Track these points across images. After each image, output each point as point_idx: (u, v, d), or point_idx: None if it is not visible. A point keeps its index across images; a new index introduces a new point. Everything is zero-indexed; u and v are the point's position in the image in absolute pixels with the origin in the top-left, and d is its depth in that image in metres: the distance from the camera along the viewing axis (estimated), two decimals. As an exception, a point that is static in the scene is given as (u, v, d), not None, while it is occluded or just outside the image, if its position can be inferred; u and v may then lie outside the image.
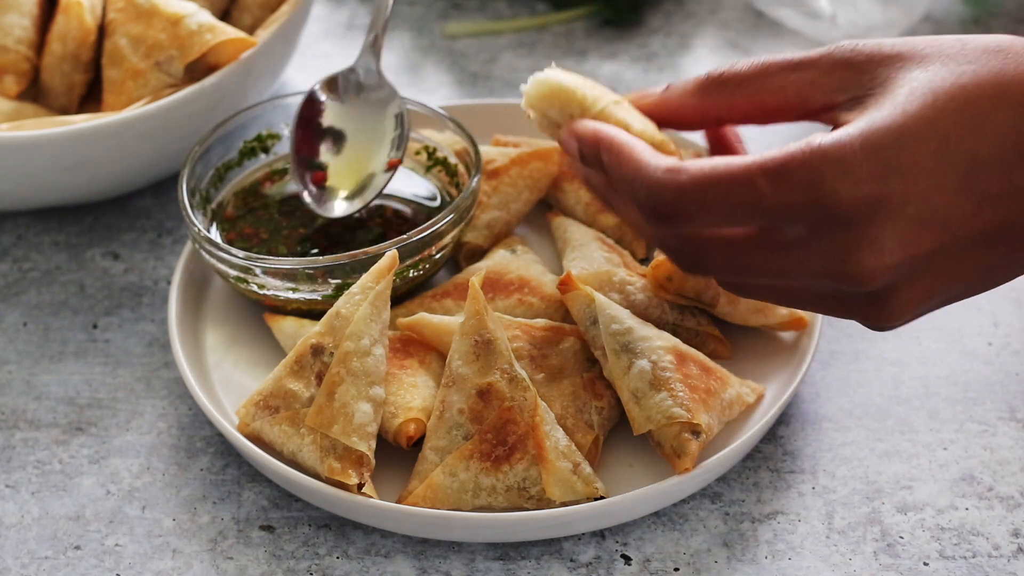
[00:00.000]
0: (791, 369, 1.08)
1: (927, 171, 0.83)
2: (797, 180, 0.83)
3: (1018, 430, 1.08)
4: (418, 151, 1.21)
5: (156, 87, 1.22)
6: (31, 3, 1.26)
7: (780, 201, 0.83)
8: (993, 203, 0.84)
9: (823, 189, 0.82)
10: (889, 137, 0.83)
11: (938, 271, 0.86)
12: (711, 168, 0.85)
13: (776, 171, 0.83)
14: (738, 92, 0.93)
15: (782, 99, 0.92)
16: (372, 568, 1.00)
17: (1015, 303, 1.17)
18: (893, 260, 0.83)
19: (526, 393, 1.00)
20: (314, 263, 1.08)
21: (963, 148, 0.83)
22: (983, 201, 0.84)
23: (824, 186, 0.82)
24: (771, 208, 0.84)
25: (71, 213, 1.28)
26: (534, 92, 0.98)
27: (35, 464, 1.08)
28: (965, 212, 0.84)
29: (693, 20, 1.49)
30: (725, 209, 0.85)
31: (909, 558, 1.00)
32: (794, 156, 0.83)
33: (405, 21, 1.50)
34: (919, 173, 0.83)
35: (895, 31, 1.41)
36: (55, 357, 1.16)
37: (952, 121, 0.83)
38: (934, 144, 0.83)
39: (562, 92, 0.98)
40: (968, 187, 0.83)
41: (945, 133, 0.83)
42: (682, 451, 0.99)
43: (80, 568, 1.01)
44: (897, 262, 0.83)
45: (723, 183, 0.84)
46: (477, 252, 1.18)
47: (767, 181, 0.83)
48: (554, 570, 1.00)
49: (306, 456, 1.00)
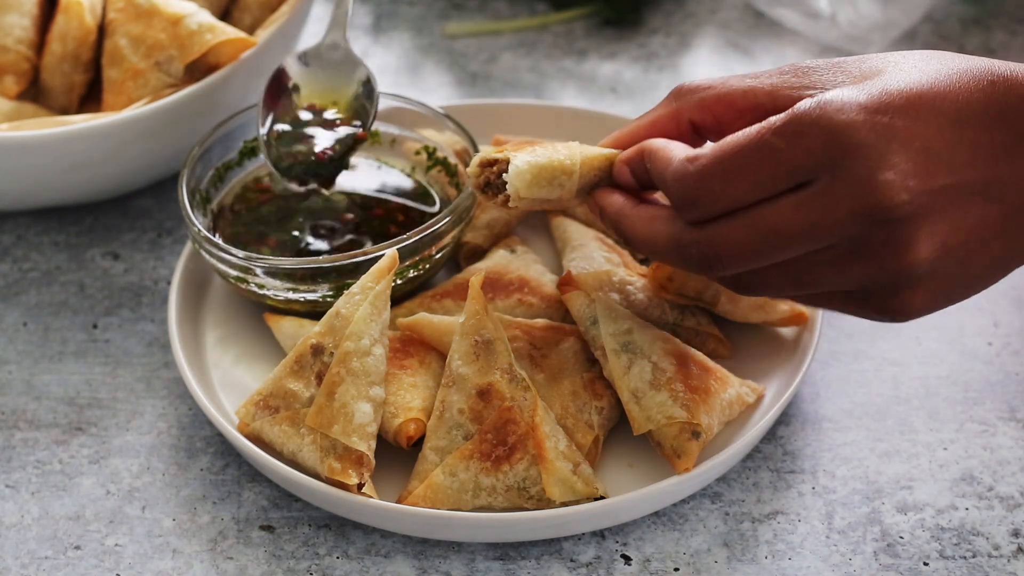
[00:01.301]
0: (791, 369, 1.08)
1: (924, 116, 0.86)
2: (807, 127, 0.86)
3: (1018, 430, 1.08)
4: (418, 151, 1.21)
5: (156, 87, 1.22)
6: (31, 3, 1.26)
7: (796, 150, 0.86)
8: (985, 156, 0.87)
9: (835, 125, 0.85)
10: (886, 88, 0.87)
11: (952, 214, 0.87)
12: (725, 144, 0.88)
13: (786, 126, 0.86)
14: (707, 95, 0.96)
15: (751, 99, 0.94)
16: (372, 568, 1.00)
17: (1015, 303, 1.17)
18: (913, 183, 0.85)
19: (526, 393, 1.00)
20: (314, 263, 1.08)
21: (948, 107, 0.87)
22: (976, 151, 0.87)
23: (835, 123, 0.85)
24: (789, 161, 0.86)
25: (71, 213, 1.28)
26: (520, 185, 0.96)
27: (35, 464, 1.08)
28: (965, 156, 0.87)
29: (693, 20, 1.49)
30: (748, 177, 0.87)
31: (909, 558, 1.00)
32: (799, 109, 0.86)
33: (405, 21, 1.50)
34: (918, 117, 0.86)
35: (895, 31, 1.41)
36: (55, 357, 1.16)
37: (935, 83, 0.88)
38: (926, 99, 0.87)
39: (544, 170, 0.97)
40: (960, 136, 0.87)
41: (931, 90, 0.87)
42: (682, 451, 1.00)
43: (80, 568, 1.01)
44: (917, 187, 0.85)
45: (740, 153, 0.87)
46: (477, 252, 1.18)
47: (779, 137, 0.86)
48: (554, 570, 1.00)
49: (306, 456, 1.00)
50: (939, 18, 1.47)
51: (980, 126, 0.87)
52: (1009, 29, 1.45)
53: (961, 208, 0.87)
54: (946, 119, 0.87)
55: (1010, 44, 1.43)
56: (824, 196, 0.86)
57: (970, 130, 0.87)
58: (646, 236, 0.94)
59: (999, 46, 1.43)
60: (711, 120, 0.96)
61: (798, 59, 1.43)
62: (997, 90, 0.88)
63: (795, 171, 0.86)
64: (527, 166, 0.96)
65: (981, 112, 0.87)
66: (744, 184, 0.87)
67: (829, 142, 0.85)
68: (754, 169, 0.87)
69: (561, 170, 0.97)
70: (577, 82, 1.42)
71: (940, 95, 0.87)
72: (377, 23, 1.49)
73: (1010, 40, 1.44)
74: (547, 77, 1.42)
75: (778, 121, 0.87)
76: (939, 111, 0.87)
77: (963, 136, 0.87)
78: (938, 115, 0.87)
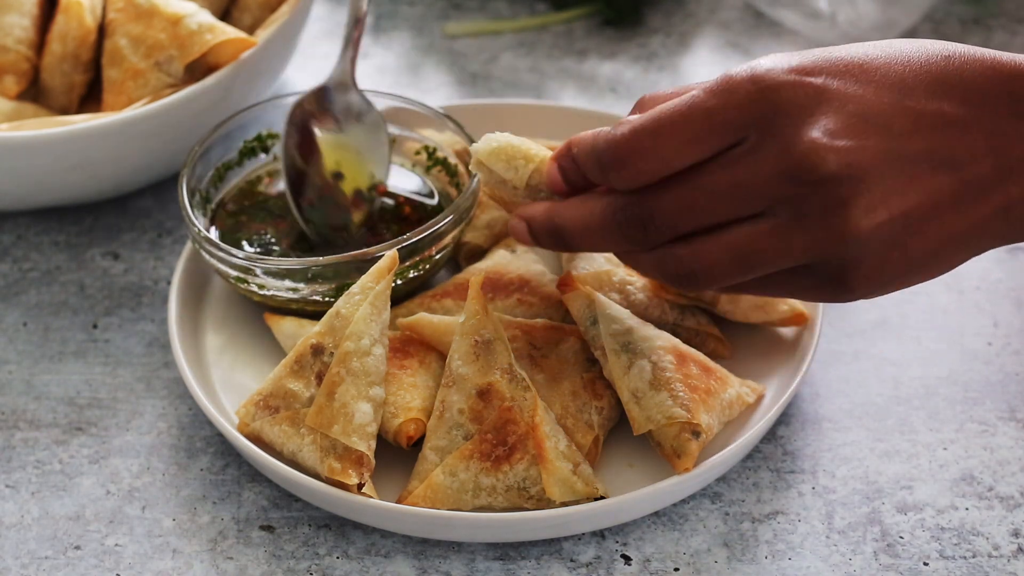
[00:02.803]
0: (791, 369, 1.08)
1: (861, 82, 0.86)
2: (737, 84, 0.86)
3: (1018, 430, 1.08)
4: (418, 151, 1.21)
5: (156, 87, 1.22)
6: (31, 3, 1.26)
7: (726, 107, 0.86)
8: (930, 124, 0.86)
9: (764, 83, 0.85)
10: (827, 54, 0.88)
11: (894, 180, 0.85)
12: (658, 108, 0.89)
13: (717, 84, 0.87)
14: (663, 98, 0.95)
15: None
16: (372, 568, 1.00)
17: (1015, 303, 1.17)
18: (842, 144, 0.84)
19: (526, 393, 1.00)
20: (314, 263, 1.08)
21: (892, 71, 0.87)
22: (921, 116, 0.86)
23: (765, 81, 0.86)
24: (719, 118, 0.86)
25: (71, 213, 1.28)
26: (483, 148, 0.99)
27: (35, 464, 1.08)
28: (905, 123, 0.86)
29: (693, 20, 1.49)
30: (677, 133, 0.87)
31: (909, 558, 1.00)
32: (731, 71, 0.87)
33: (405, 21, 1.50)
34: (855, 81, 0.86)
35: (895, 31, 1.41)
36: (55, 357, 1.16)
37: (879, 52, 0.88)
38: (868, 67, 0.87)
39: (508, 148, 0.99)
40: (903, 104, 0.86)
41: (873, 58, 0.88)
42: (682, 451, 1.00)
43: (80, 568, 1.01)
44: (846, 145, 0.84)
45: (669, 112, 0.87)
46: (477, 252, 1.17)
47: (710, 94, 0.87)
48: (554, 570, 1.00)
49: (306, 456, 1.00)
50: (939, 18, 1.47)
51: (927, 95, 0.86)
52: (1009, 29, 1.46)
53: (905, 175, 0.85)
54: (886, 87, 0.86)
55: (1010, 44, 1.43)
56: (752, 154, 0.86)
57: (913, 99, 0.86)
58: (581, 218, 0.93)
59: (999, 46, 1.43)
60: None
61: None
62: (951, 64, 0.87)
63: (725, 128, 0.86)
64: (496, 138, 0.99)
65: (930, 83, 0.87)
66: (674, 141, 0.87)
67: (758, 99, 0.85)
68: (683, 126, 0.87)
69: (522, 155, 0.98)
70: (577, 82, 1.42)
71: (885, 65, 0.87)
72: (377, 23, 1.49)
73: (1010, 40, 1.44)
74: (547, 77, 1.42)
75: (711, 81, 0.88)
76: (880, 79, 0.87)
77: (905, 104, 0.86)
78: (878, 82, 0.86)
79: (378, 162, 1.18)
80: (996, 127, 0.86)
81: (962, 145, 0.86)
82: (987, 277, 1.19)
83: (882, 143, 0.85)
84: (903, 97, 0.86)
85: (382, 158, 1.18)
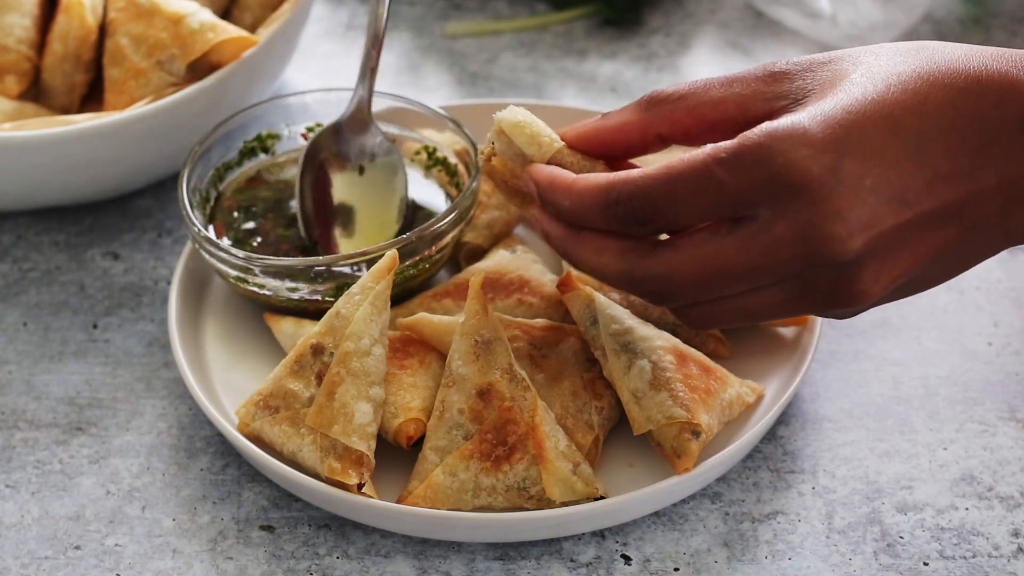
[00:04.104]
0: (791, 369, 1.08)
1: (878, 147, 0.85)
2: (752, 160, 0.85)
3: (1018, 430, 1.08)
4: (418, 151, 1.21)
5: (158, 86, 1.22)
6: (32, 3, 1.26)
7: (740, 185, 0.85)
8: (945, 181, 0.86)
9: (779, 163, 0.84)
10: (838, 116, 0.85)
11: (903, 248, 0.86)
12: (670, 166, 0.87)
13: (730, 157, 0.85)
14: (678, 107, 0.94)
15: (722, 111, 0.92)
16: (372, 568, 1.00)
17: (1015, 303, 1.17)
18: (859, 231, 0.84)
19: (526, 393, 1.00)
20: (314, 263, 1.08)
21: (908, 126, 0.85)
22: (935, 178, 0.86)
23: (779, 160, 0.84)
24: (731, 195, 0.85)
25: (71, 213, 1.28)
26: (509, 117, 0.99)
27: (35, 464, 1.08)
28: (919, 188, 0.85)
29: (693, 20, 1.49)
30: (692, 203, 0.86)
31: (909, 558, 1.00)
32: (747, 139, 0.85)
33: (405, 21, 1.50)
34: (871, 149, 0.85)
35: (895, 31, 1.41)
36: (55, 357, 1.16)
37: (895, 101, 0.86)
38: (882, 123, 0.85)
39: (534, 124, 0.99)
40: (919, 163, 0.85)
41: (890, 112, 0.86)
42: (682, 451, 1.00)
43: (80, 568, 1.01)
44: (863, 234, 0.84)
45: (684, 177, 0.86)
46: (477, 252, 1.18)
47: (723, 168, 0.85)
48: (554, 570, 1.00)
49: (306, 456, 1.00)
50: (939, 18, 1.47)
51: (944, 149, 0.86)
52: (1009, 29, 1.45)
53: (915, 240, 0.86)
54: (904, 149, 0.85)
55: (1010, 44, 1.43)
56: (766, 234, 0.85)
57: (930, 156, 0.86)
58: (596, 266, 0.93)
59: (999, 46, 1.43)
60: (680, 133, 0.95)
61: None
62: (968, 101, 0.86)
63: (737, 204, 0.86)
64: (521, 112, 0.99)
65: (947, 130, 0.86)
66: (688, 209, 0.87)
67: (774, 180, 0.84)
68: (698, 196, 0.86)
69: (546, 135, 0.98)
70: (577, 82, 1.42)
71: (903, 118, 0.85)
72: (377, 23, 1.49)
73: (1010, 40, 1.44)
74: (547, 77, 1.42)
75: (724, 151, 0.85)
76: (898, 140, 0.85)
77: (921, 163, 0.85)
78: (894, 142, 0.85)
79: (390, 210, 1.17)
80: (1005, 162, 0.87)
81: (973, 193, 0.87)
82: (987, 277, 1.19)
83: (897, 216, 0.85)
84: (920, 156, 0.85)
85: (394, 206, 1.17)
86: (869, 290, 0.87)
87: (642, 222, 0.89)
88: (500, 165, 1.00)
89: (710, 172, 0.86)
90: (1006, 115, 0.86)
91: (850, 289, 0.87)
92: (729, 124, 0.92)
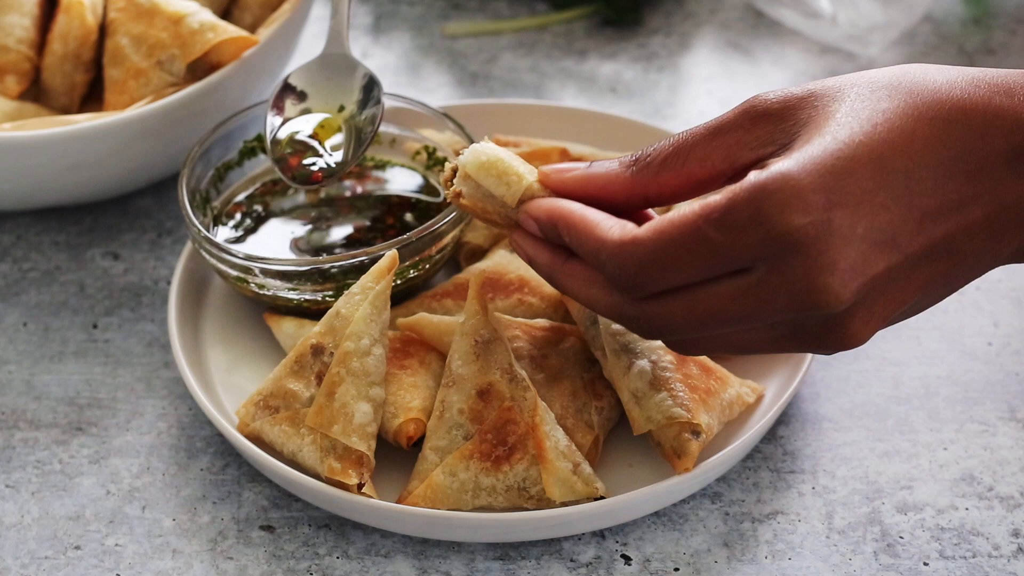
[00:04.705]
0: (791, 369, 1.08)
1: (868, 192, 0.84)
2: (744, 220, 0.83)
3: (1018, 430, 1.08)
4: (418, 151, 1.21)
5: (158, 86, 1.22)
6: (32, 3, 1.26)
7: (732, 245, 0.84)
8: (934, 218, 0.85)
9: (771, 222, 0.83)
10: (827, 163, 0.84)
11: (893, 290, 0.86)
12: (662, 231, 0.86)
13: (721, 217, 0.84)
14: (664, 171, 0.92)
15: (710, 167, 0.90)
16: (372, 568, 1.00)
17: (1015, 303, 1.17)
18: (853, 282, 0.84)
19: (526, 393, 1.00)
20: (314, 263, 1.08)
21: (897, 167, 0.84)
22: (924, 217, 0.85)
23: (771, 219, 0.83)
24: (726, 254, 0.84)
25: (71, 213, 1.28)
26: (472, 160, 0.96)
27: (35, 464, 1.08)
28: (910, 229, 0.85)
29: (693, 20, 1.49)
30: (685, 267, 0.85)
31: (909, 558, 1.00)
32: (736, 197, 0.83)
33: (405, 21, 1.50)
34: (861, 195, 0.84)
35: (895, 31, 1.41)
36: (55, 357, 1.16)
37: (882, 140, 0.85)
38: (871, 165, 0.84)
39: (499, 163, 0.96)
40: (909, 204, 0.85)
41: (879, 154, 0.84)
42: (682, 451, 1.00)
43: (80, 568, 1.01)
44: (857, 284, 0.84)
45: (675, 244, 0.85)
46: (477, 252, 1.17)
47: (715, 229, 0.84)
48: (554, 570, 1.00)
49: (306, 456, 1.00)
50: (939, 18, 1.47)
51: (933, 186, 0.85)
52: (1009, 29, 1.45)
53: (905, 279, 0.86)
54: (893, 190, 0.84)
55: (1010, 44, 1.43)
56: (761, 288, 0.85)
57: (919, 195, 0.85)
58: (584, 297, 0.92)
59: (999, 46, 1.43)
60: (668, 195, 0.93)
61: (798, 59, 1.43)
62: (952, 132, 0.86)
63: (732, 263, 0.85)
64: (484, 151, 0.96)
65: (936, 167, 0.85)
66: (681, 274, 0.86)
67: (767, 240, 0.83)
68: (691, 260, 0.85)
69: (514, 172, 0.95)
70: (577, 82, 1.42)
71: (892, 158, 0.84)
72: (377, 23, 1.49)
73: (1010, 40, 1.44)
74: (547, 77, 1.42)
75: (715, 211, 0.84)
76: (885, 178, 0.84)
77: (911, 204, 0.85)
78: (884, 185, 0.84)
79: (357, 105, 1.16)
80: (994, 194, 0.86)
81: (962, 227, 0.86)
82: (987, 277, 1.19)
83: (889, 260, 0.85)
84: (909, 196, 0.85)
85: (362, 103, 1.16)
86: (859, 333, 0.87)
87: (629, 290, 0.88)
88: (471, 203, 0.97)
89: (702, 233, 0.84)
90: (992, 146, 0.86)
91: (841, 335, 0.87)
92: (718, 179, 0.91)
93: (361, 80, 1.17)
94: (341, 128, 1.16)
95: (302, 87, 1.17)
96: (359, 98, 1.16)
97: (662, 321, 0.89)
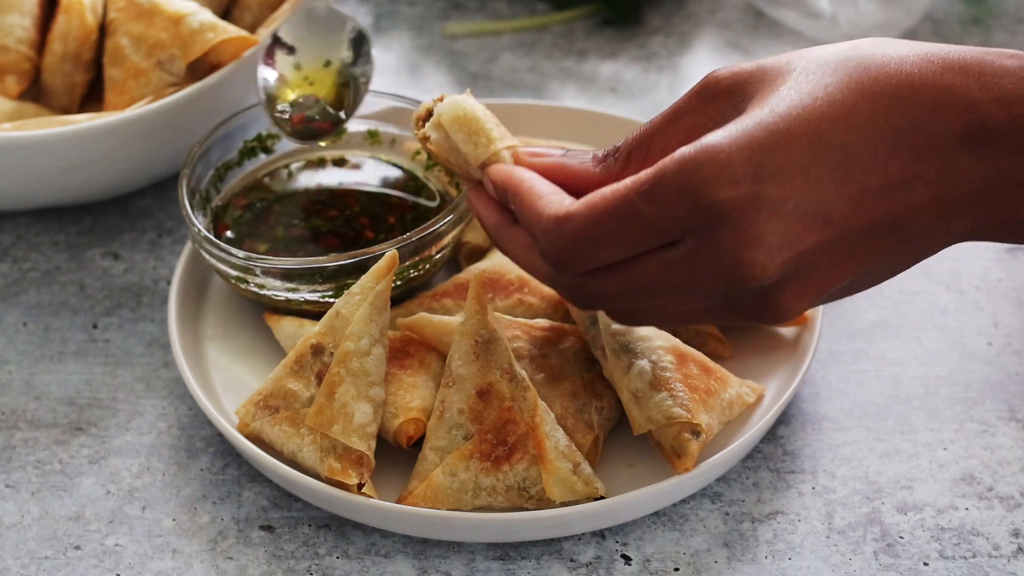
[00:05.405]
0: (791, 369, 1.08)
1: (801, 167, 0.83)
2: (672, 193, 0.83)
3: (1018, 430, 1.08)
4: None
5: (158, 86, 1.22)
6: (32, 3, 1.26)
7: (662, 217, 0.83)
8: (874, 195, 0.84)
9: (699, 195, 0.82)
10: (758, 136, 0.83)
11: (828, 265, 0.85)
12: (594, 207, 0.86)
13: (651, 189, 0.83)
14: (629, 164, 0.92)
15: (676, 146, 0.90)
16: (372, 568, 1.00)
17: (1015, 303, 1.17)
18: (780, 256, 0.83)
19: (526, 393, 1.00)
20: (314, 263, 1.08)
21: (835, 141, 0.83)
22: (863, 193, 0.84)
23: (698, 192, 0.82)
24: (655, 227, 0.84)
25: (71, 213, 1.28)
26: (448, 111, 0.97)
27: (35, 464, 1.08)
28: (846, 206, 0.84)
29: (693, 20, 1.49)
30: (616, 242, 0.85)
31: (909, 558, 1.00)
32: (665, 169, 0.83)
33: (405, 21, 1.50)
34: (794, 169, 0.83)
35: (895, 31, 1.41)
36: (55, 357, 1.16)
37: (821, 114, 0.83)
38: (806, 139, 0.83)
39: (474, 121, 0.97)
40: (845, 179, 0.83)
41: (816, 127, 0.83)
42: (682, 451, 1.00)
43: (80, 568, 1.01)
44: (784, 258, 0.83)
45: (606, 218, 0.85)
46: (477, 252, 1.18)
47: (645, 201, 0.84)
48: (554, 570, 1.00)
49: (306, 456, 1.00)
50: (939, 18, 1.47)
51: (872, 161, 0.84)
52: (1009, 29, 1.46)
53: (842, 255, 0.85)
54: (828, 164, 0.83)
55: (1010, 44, 1.43)
56: (690, 260, 0.84)
57: (857, 171, 0.83)
58: (524, 264, 0.93)
59: (998, 46, 1.43)
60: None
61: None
62: (897, 108, 0.84)
63: (662, 235, 0.84)
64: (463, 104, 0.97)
65: (877, 141, 0.83)
66: (611, 250, 0.86)
67: (696, 212, 0.82)
68: (622, 234, 0.85)
69: (485, 134, 0.97)
70: (577, 82, 1.42)
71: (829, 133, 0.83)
72: (377, 23, 1.49)
73: (1010, 40, 1.44)
74: (547, 77, 1.42)
75: (645, 184, 0.84)
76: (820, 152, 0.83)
77: (847, 179, 0.83)
78: (819, 160, 0.83)
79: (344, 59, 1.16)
80: (943, 172, 0.84)
81: (905, 206, 0.85)
82: (987, 277, 1.19)
83: (821, 236, 0.84)
84: (845, 171, 0.83)
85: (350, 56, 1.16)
86: (791, 308, 0.86)
87: (561, 266, 0.88)
88: (436, 150, 0.98)
89: (632, 206, 0.84)
90: (942, 123, 0.84)
91: (773, 307, 0.86)
92: None
93: (350, 34, 1.17)
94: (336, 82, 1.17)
95: (291, 41, 1.18)
96: (350, 52, 1.17)
97: (595, 291, 0.89)
